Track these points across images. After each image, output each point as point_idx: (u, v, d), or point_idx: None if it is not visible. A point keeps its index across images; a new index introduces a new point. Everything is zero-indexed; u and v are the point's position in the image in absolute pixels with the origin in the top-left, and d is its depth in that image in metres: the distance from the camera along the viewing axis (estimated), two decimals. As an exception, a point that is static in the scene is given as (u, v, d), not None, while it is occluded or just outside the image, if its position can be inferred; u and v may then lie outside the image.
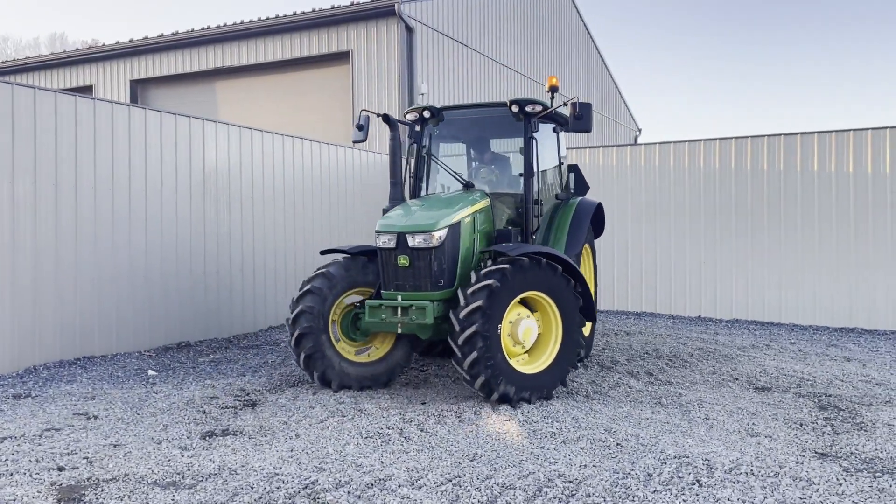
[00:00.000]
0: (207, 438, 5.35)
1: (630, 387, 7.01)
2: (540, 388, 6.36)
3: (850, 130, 10.92)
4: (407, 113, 7.77)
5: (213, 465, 4.73)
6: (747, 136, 11.67)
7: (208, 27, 16.86)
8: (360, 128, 7.59)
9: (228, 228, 10.20)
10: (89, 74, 19.22)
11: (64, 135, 8.07)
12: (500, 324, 6.14)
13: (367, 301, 6.68)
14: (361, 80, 15.29)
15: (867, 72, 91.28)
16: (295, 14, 15.66)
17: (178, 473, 4.58)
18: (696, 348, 9.15)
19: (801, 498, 4.15)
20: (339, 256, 7.31)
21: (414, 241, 6.44)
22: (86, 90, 18.55)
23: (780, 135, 11.42)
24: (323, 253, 7.50)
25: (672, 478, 4.45)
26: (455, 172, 7.63)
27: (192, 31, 16.99)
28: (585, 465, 4.69)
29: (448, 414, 5.96)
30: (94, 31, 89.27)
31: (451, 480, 4.43)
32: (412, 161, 7.89)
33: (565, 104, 7.21)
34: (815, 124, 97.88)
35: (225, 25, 16.49)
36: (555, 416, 5.89)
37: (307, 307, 6.72)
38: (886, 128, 10.67)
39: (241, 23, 16.27)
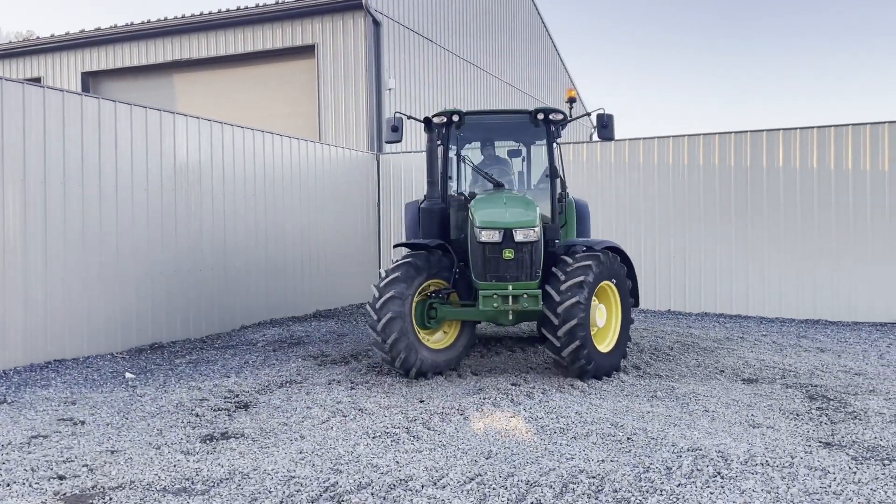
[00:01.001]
0: (208, 442, 5.16)
1: (622, 381, 7.05)
2: (612, 363, 7.21)
3: (814, 128, 11.23)
4: (434, 116, 7.88)
5: (222, 469, 4.55)
6: (714, 133, 11.89)
7: (166, 18, 16.35)
8: (394, 129, 7.88)
9: (199, 225, 9.90)
10: (36, 66, 18.44)
11: (32, 128, 7.69)
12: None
13: (480, 291, 7.00)
14: (327, 74, 15.05)
15: (845, 69, 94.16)
16: (258, 6, 15.32)
17: (188, 479, 4.39)
18: (674, 341, 9.29)
19: (822, 487, 4.22)
20: (405, 249, 7.56)
21: (519, 236, 6.90)
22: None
23: (747, 132, 11.68)
24: (396, 246, 7.85)
25: (692, 471, 4.47)
26: (487, 174, 7.94)
27: (149, 21, 16.46)
28: (603, 460, 4.67)
29: (450, 412, 5.89)
30: (30, 22, 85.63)
31: (473, 479, 4.36)
32: (440, 162, 8.05)
33: (589, 114, 7.82)
34: (783, 121, 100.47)
35: (184, 17, 16.02)
36: (557, 411, 5.87)
37: (397, 293, 6.87)
38: (849, 125, 11.00)
39: (202, 14, 15.83)
